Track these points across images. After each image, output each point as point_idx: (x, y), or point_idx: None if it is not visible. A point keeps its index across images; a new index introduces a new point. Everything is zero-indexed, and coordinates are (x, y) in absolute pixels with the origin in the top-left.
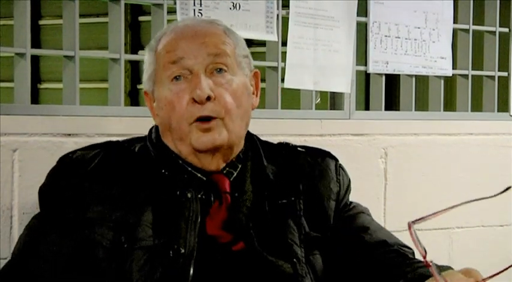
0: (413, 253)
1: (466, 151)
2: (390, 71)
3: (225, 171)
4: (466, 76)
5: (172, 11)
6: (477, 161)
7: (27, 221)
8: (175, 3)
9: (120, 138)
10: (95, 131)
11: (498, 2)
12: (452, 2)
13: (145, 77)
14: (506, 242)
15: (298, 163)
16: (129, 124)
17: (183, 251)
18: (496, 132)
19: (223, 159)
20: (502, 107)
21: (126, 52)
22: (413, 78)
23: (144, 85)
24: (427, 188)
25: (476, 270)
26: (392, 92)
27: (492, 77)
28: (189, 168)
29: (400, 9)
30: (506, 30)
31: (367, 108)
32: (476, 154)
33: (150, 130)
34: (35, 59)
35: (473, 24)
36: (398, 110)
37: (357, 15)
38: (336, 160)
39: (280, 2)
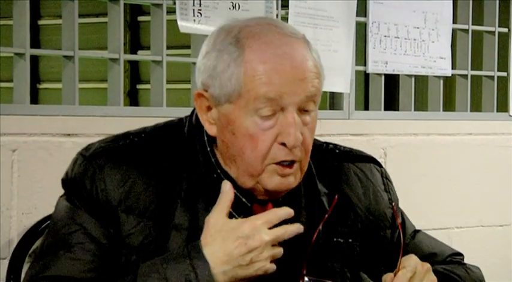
0: (463, 258)
1: (466, 151)
2: (389, 71)
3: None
4: (465, 76)
5: (171, 11)
6: (476, 161)
7: (27, 221)
8: (174, 3)
9: None
10: (94, 131)
11: (497, 2)
12: (451, 2)
13: (210, 82)
14: (505, 242)
15: (352, 187)
16: (128, 124)
17: None
18: (495, 132)
19: None
20: (501, 107)
21: (125, 52)
22: (413, 78)
23: (206, 87)
24: (426, 188)
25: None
26: (391, 92)
27: (491, 77)
28: (234, 190)
29: (400, 9)
30: (505, 30)
31: (366, 108)
32: (476, 154)
33: (192, 135)
34: (35, 59)
35: (472, 24)
36: (398, 110)
37: (356, 15)
38: (380, 166)
39: (280, 2)
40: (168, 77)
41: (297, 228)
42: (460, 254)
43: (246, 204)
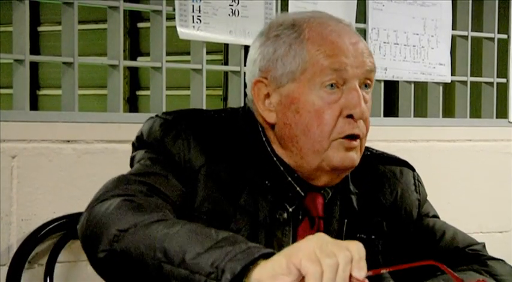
0: (484, 246)
1: (465, 157)
2: (389, 78)
3: (322, 190)
4: (464, 82)
5: (171, 17)
6: (476, 168)
7: (26, 227)
8: (174, 10)
9: (119, 145)
10: (93, 137)
11: (497, 8)
12: (451, 8)
13: (271, 65)
14: (505, 248)
15: (382, 189)
16: (127, 130)
17: None
18: (494, 139)
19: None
20: (501, 113)
21: (124, 58)
22: (412, 85)
23: (265, 72)
24: None
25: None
26: (391, 99)
27: (491, 84)
28: (289, 178)
29: (399, 16)
30: (504, 36)
31: None
32: (475, 160)
33: (249, 123)
34: (34, 66)
35: (471, 30)
36: (397, 116)
37: (356, 22)
38: (413, 170)
39: (279, 8)
40: (168, 83)
41: None
42: (479, 243)
43: (300, 194)
